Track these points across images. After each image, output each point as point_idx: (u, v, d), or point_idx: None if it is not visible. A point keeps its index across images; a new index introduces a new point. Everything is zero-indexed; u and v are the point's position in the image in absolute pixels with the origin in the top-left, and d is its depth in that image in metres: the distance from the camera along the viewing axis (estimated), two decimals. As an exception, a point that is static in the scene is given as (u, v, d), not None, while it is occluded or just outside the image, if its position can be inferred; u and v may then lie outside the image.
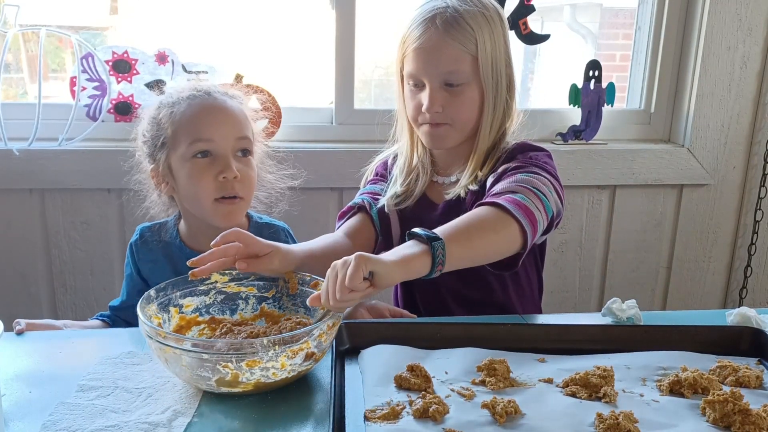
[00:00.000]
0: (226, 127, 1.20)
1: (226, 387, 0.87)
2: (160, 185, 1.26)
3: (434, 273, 0.97)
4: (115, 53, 1.80)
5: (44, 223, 1.82)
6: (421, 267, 0.96)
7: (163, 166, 1.23)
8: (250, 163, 1.24)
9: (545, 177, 1.16)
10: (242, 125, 1.23)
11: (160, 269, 1.27)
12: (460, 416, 0.83)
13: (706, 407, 0.84)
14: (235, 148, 1.21)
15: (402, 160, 1.35)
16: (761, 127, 2.04)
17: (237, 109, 1.24)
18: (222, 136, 1.20)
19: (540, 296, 1.40)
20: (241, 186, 1.21)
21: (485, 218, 1.06)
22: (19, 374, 0.95)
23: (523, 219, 1.06)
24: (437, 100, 1.21)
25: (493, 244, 1.06)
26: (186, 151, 1.19)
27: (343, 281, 0.89)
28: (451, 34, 1.19)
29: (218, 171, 1.19)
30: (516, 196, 1.09)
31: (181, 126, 1.20)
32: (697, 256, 2.15)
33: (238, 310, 1.09)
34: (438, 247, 0.96)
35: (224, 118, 1.21)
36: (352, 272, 0.88)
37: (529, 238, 1.07)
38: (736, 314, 1.12)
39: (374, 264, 0.91)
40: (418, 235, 0.98)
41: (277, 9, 2.01)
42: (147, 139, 1.25)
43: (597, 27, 2.51)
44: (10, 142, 1.71)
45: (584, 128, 2.00)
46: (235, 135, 1.21)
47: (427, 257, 0.96)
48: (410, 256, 0.95)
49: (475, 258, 1.06)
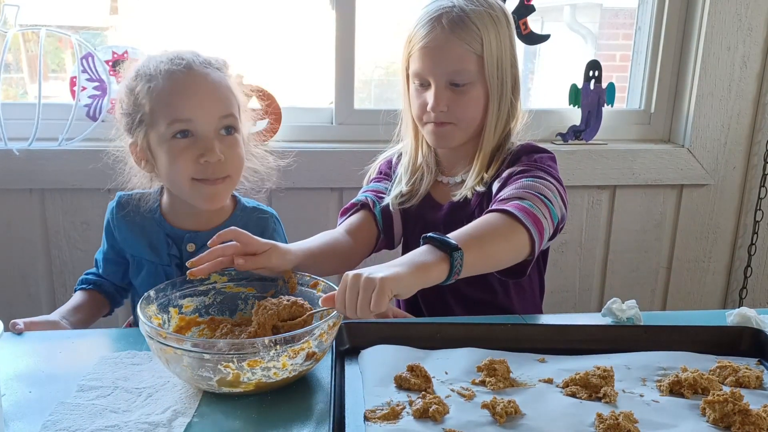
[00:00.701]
0: (207, 104, 1.11)
1: (227, 387, 0.87)
2: (140, 162, 1.19)
3: (449, 281, 0.97)
4: (115, 53, 1.80)
5: (44, 223, 1.82)
6: (438, 275, 0.96)
7: (142, 144, 1.15)
8: (236, 141, 1.16)
9: (550, 182, 1.16)
10: (226, 101, 1.14)
11: (135, 240, 1.23)
12: (460, 416, 0.83)
13: (706, 407, 0.84)
14: (219, 127, 1.13)
15: (406, 159, 1.36)
16: (761, 127, 2.04)
17: (220, 82, 1.14)
18: (203, 115, 1.11)
19: (541, 298, 1.40)
20: (226, 167, 1.14)
21: (497, 226, 1.06)
22: (19, 374, 0.95)
23: (531, 227, 1.06)
24: (442, 99, 1.22)
25: (505, 252, 1.06)
26: (165, 131, 1.11)
27: (367, 305, 0.88)
28: (457, 34, 1.19)
29: (199, 153, 1.11)
30: (524, 203, 1.09)
31: (159, 104, 1.11)
32: (697, 256, 2.15)
33: (238, 311, 1.09)
34: (457, 257, 0.96)
35: (206, 94, 1.12)
36: (377, 299, 0.87)
37: (536, 245, 1.07)
38: (736, 314, 1.12)
39: (396, 286, 0.89)
40: (435, 241, 0.97)
41: (277, 9, 2.01)
42: (125, 112, 1.17)
43: (597, 27, 2.51)
44: (10, 142, 1.71)
45: (584, 128, 2.00)
46: (219, 113, 1.12)
47: (444, 266, 0.96)
48: (428, 265, 0.95)
49: (487, 266, 1.06)
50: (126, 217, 1.25)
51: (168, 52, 1.16)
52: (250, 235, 1.05)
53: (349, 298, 0.89)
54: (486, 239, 1.03)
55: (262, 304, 0.99)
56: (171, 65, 1.12)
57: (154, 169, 1.18)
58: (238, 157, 1.17)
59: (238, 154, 1.17)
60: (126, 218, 1.25)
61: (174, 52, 1.15)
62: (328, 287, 1.04)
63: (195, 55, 1.15)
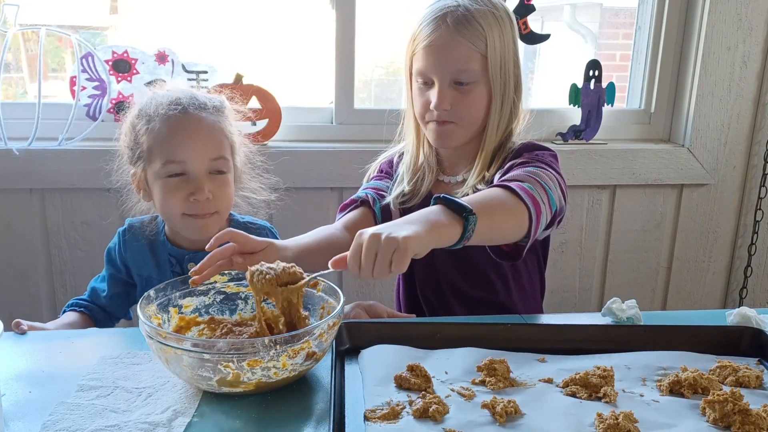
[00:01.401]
0: (200, 147, 1.21)
1: (227, 387, 0.87)
2: (139, 191, 1.30)
3: (458, 245, 0.96)
4: (115, 53, 1.80)
5: (44, 223, 1.82)
6: (450, 237, 0.94)
7: (140, 176, 1.26)
8: (226, 180, 1.25)
9: (551, 172, 1.17)
10: (218, 144, 1.23)
11: (144, 260, 1.33)
12: (460, 416, 0.83)
13: (706, 407, 0.84)
14: (209, 168, 1.22)
15: (408, 158, 1.36)
16: (761, 127, 2.04)
17: (213, 125, 1.23)
18: (195, 157, 1.20)
19: (542, 297, 1.40)
20: (214, 204, 1.23)
21: (503, 199, 1.05)
22: (19, 374, 0.95)
23: (531, 206, 1.05)
24: (446, 98, 1.22)
25: (509, 225, 1.06)
26: (160, 169, 1.21)
27: (387, 266, 0.86)
28: (461, 33, 1.19)
29: (190, 192, 1.20)
30: (524, 184, 1.09)
31: (155, 144, 1.21)
32: (697, 256, 2.15)
33: (238, 310, 1.09)
34: (472, 221, 0.94)
35: (198, 137, 1.21)
36: (399, 260, 0.86)
37: (533, 227, 1.07)
38: (736, 314, 1.12)
39: (418, 246, 0.88)
40: (450, 203, 0.96)
41: (277, 9, 2.01)
42: (127, 145, 1.28)
43: (597, 27, 2.51)
44: (10, 141, 1.71)
45: (584, 128, 2.00)
46: (210, 156, 1.22)
47: (457, 228, 0.94)
48: (442, 225, 0.93)
49: (492, 237, 1.06)
50: (135, 240, 1.34)
51: (168, 94, 1.25)
52: (247, 235, 1.06)
53: (366, 258, 0.87)
54: (494, 210, 1.03)
55: (256, 270, 0.96)
56: (168, 109, 1.21)
57: (151, 199, 1.28)
58: (226, 195, 1.26)
59: (226, 193, 1.26)
60: (135, 241, 1.34)
61: (173, 95, 1.24)
62: (327, 286, 1.04)
63: (192, 98, 1.24)
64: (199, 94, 1.26)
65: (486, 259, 1.30)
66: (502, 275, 1.31)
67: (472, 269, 1.31)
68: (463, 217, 0.95)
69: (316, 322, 0.97)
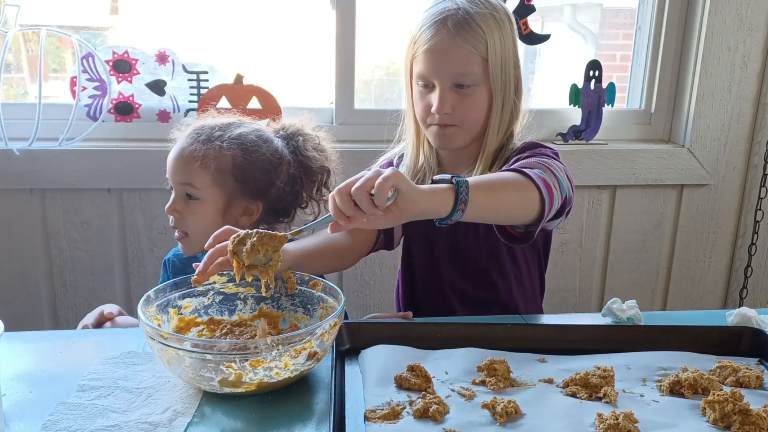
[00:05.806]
0: (174, 171, 1.27)
1: (228, 387, 0.87)
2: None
3: (456, 212, 0.94)
4: (115, 53, 1.80)
5: (44, 223, 1.82)
6: (444, 198, 0.94)
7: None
8: (196, 206, 1.26)
9: (559, 163, 1.17)
10: (189, 171, 1.25)
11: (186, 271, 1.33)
12: (460, 416, 0.83)
13: (706, 407, 0.84)
14: (181, 191, 1.27)
15: (408, 159, 1.35)
16: (761, 127, 2.04)
17: (191, 154, 1.25)
18: (171, 178, 1.29)
19: (541, 296, 1.40)
20: (182, 224, 1.27)
21: (508, 178, 1.06)
22: (19, 374, 0.95)
23: (543, 188, 1.05)
24: (447, 101, 1.21)
25: (515, 202, 1.05)
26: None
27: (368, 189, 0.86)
28: (462, 36, 1.19)
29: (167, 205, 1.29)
30: (534, 169, 1.08)
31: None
32: (697, 256, 2.15)
33: (237, 311, 1.09)
34: (462, 184, 0.94)
35: (175, 162, 1.27)
36: (380, 185, 0.86)
37: (546, 207, 1.06)
38: (736, 314, 1.12)
39: (403, 182, 0.89)
40: (442, 178, 0.98)
41: (277, 9, 2.01)
42: None
43: (597, 27, 2.51)
44: (11, 142, 1.71)
45: (584, 128, 2.00)
46: (178, 180, 1.27)
47: (450, 192, 0.94)
48: (435, 188, 0.94)
49: (497, 212, 1.05)
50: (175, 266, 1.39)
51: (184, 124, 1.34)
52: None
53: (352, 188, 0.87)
54: (497, 185, 1.03)
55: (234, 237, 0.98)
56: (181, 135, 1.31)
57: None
58: (195, 220, 1.26)
59: (195, 217, 1.26)
60: (175, 267, 1.39)
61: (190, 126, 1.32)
62: (327, 286, 1.04)
63: (197, 129, 1.28)
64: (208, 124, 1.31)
65: (487, 258, 1.31)
66: (503, 274, 1.31)
67: (473, 268, 1.31)
68: (454, 182, 0.95)
69: (316, 322, 0.97)
